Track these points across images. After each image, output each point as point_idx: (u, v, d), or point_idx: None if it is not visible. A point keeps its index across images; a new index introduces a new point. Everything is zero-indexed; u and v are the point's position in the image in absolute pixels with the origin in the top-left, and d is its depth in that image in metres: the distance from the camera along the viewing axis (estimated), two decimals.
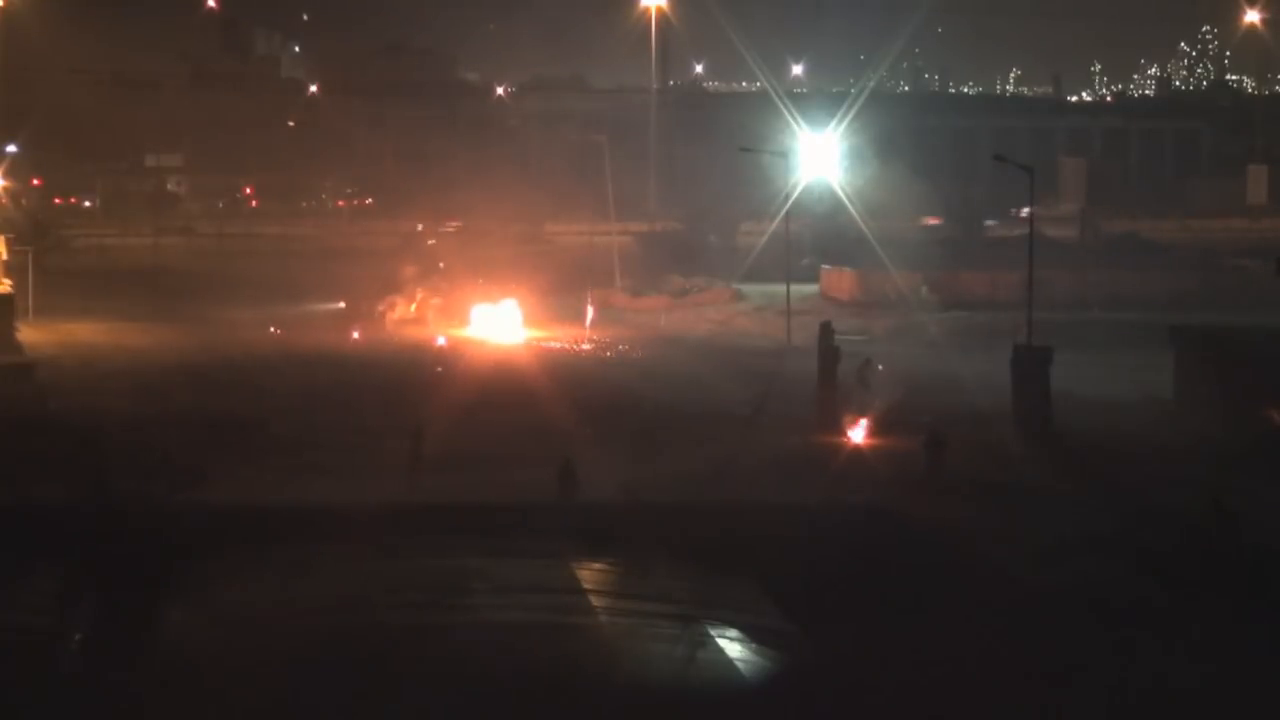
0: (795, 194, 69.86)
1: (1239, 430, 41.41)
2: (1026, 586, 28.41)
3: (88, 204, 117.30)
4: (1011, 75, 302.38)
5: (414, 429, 37.99)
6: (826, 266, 74.73)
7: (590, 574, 29.21)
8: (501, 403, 47.56)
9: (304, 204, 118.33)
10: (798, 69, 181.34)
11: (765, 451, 40.71)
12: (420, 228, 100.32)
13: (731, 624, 25.89)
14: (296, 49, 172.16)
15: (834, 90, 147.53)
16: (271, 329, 61.04)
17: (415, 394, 48.84)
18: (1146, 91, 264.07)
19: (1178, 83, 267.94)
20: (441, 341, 55.89)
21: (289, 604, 26.69)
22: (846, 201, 76.66)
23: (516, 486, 36.50)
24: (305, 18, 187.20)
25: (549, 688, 22.40)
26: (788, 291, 62.83)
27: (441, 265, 72.24)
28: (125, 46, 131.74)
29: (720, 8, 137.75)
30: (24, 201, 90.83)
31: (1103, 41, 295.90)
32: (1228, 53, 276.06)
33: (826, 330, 47.25)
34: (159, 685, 22.58)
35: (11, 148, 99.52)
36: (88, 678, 22.84)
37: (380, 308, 63.72)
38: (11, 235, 70.61)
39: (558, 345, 59.58)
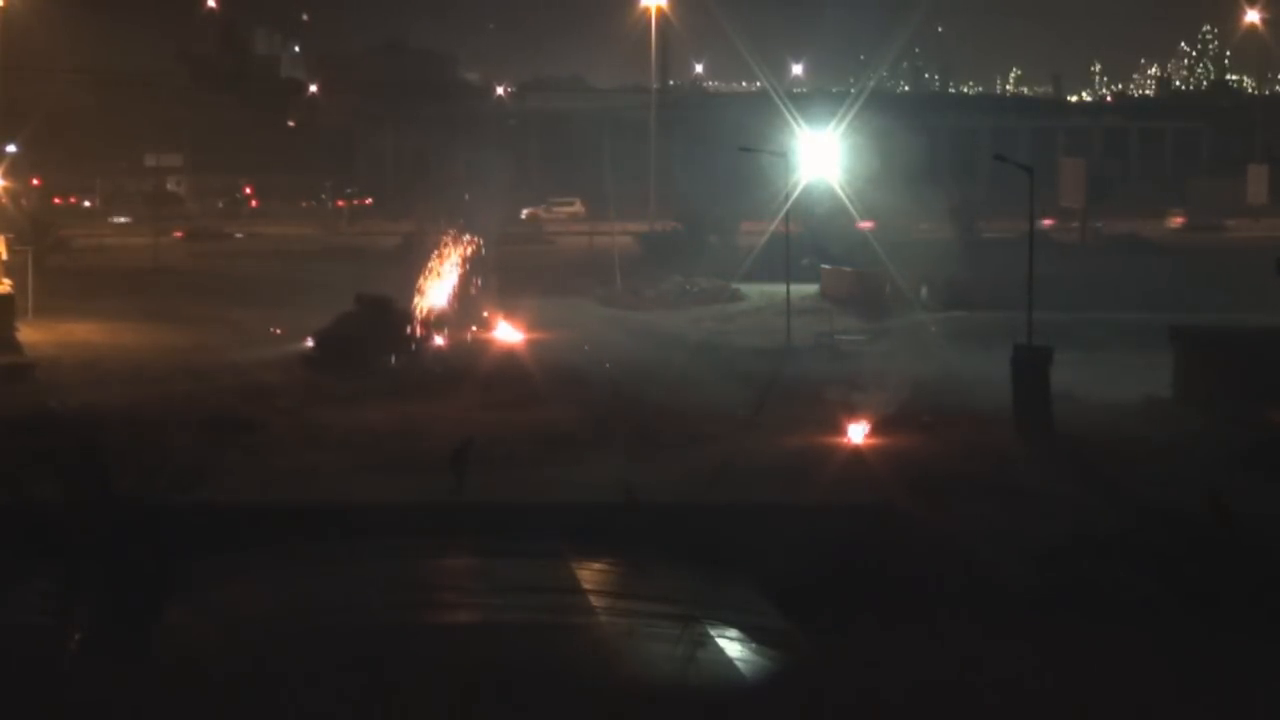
0: (795, 194, 69.82)
1: (1239, 430, 41.42)
2: (1026, 586, 28.43)
3: (88, 204, 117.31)
4: (1011, 75, 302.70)
5: (461, 444, 37.39)
6: (826, 267, 74.71)
7: (590, 574, 29.22)
8: (501, 403, 47.60)
9: (304, 204, 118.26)
10: (798, 69, 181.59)
11: (765, 452, 40.75)
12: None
13: (731, 624, 25.89)
14: (296, 49, 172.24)
15: (834, 90, 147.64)
16: (272, 329, 60.96)
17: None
18: (1146, 91, 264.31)
19: (1178, 83, 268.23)
20: (439, 341, 55.85)
21: (288, 603, 26.70)
22: (846, 202, 76.64)
23: (516, 487, 36.53)
24: (305, 18, 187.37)
25: (549, 688, 22.40)
26: (788, 292, 62.78)
27: None
28: (125, 46, 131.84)
29: (720, 8, 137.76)
30: (24, 201, 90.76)
31: (1103, 41, 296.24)
32: (1228, 53, 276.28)
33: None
34: (159, 685, 22.58)
35: (11, 148, 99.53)
36: (88, 678, 22.83)
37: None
38: (11, 235, 70.59)
39: (557, 346, 59.50)
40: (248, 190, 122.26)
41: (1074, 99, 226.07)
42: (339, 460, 39.58)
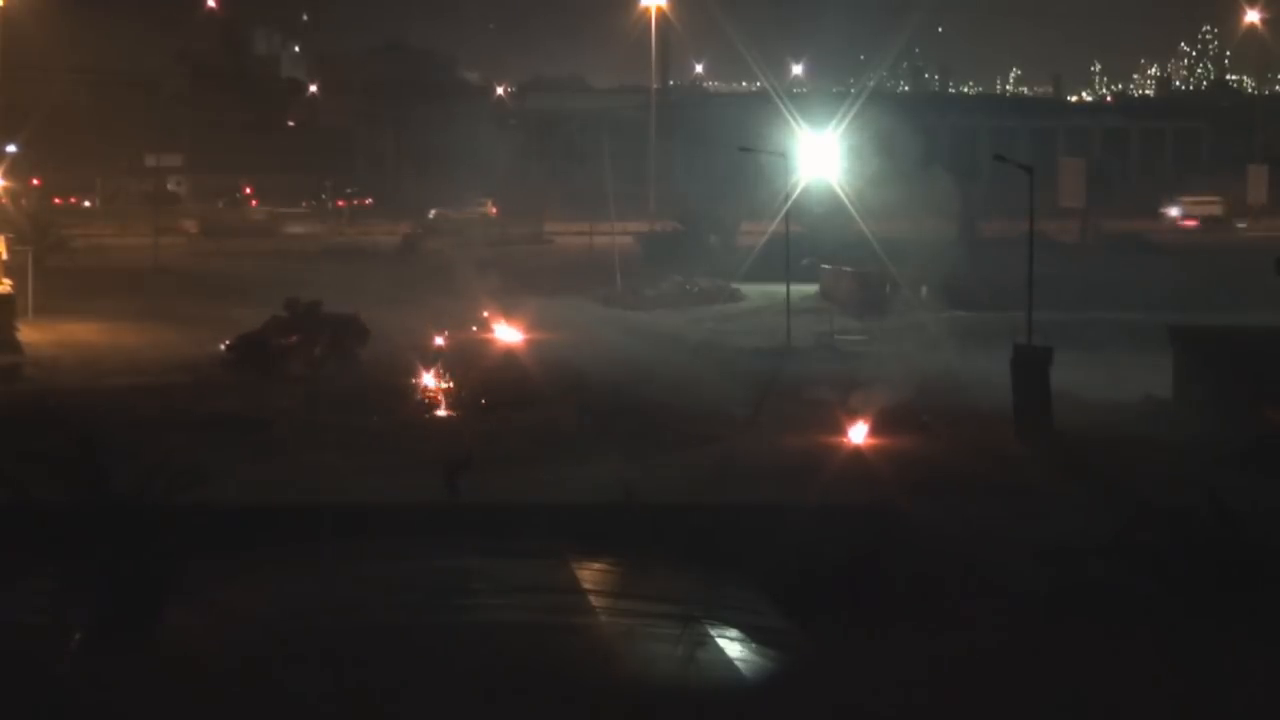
0: (795, 194, 69.80)
1: (1239, 430, 41.39)
2: (1026, 586, 28.42)
3: (88, 204, 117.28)
4: (1011, 75, 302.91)
5: (458, 459, 36.97)
6: (826, 267, 74.70)
7: (590, 574, 29.18)
8: (501, 403, 47.56)
9: (304, 204, 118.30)
10: (798, 69, 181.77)
11: (765, 451, 40.74)
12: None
13: (731, 624, 25.86)
14: (296, 49, 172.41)
15: (834, 90, 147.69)
16: None
17: (415, 393, 48.87)
18: (1146, 91, 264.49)
19: (1178, 83, 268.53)
20: (440, 341, 55.77)
21: (288, 604, 26.68)
22: (846, 202, 76.63)
23: (516, 487, 36.49)
24: (305, 18, 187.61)
25: (549, 688, 22.38)
26: (787, 292, 62.78)
27: None
28: (125, 46, 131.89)
29: (720, 8, 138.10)
30: (24, 201, 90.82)
31: (1103, 41, 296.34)
32: (1228, 53, 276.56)
33: None
34: (159, 685, 22.57)
35: (11, 148, 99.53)
36: (88, 678, 22.82)
37: None
38: (11, 235, 70.64)
39: (557, 346, 59.42)
40: (248, 190, 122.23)
41: (1074, 99, 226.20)
42: (339, 460, 39.55)
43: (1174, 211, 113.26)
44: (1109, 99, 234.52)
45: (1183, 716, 22.53)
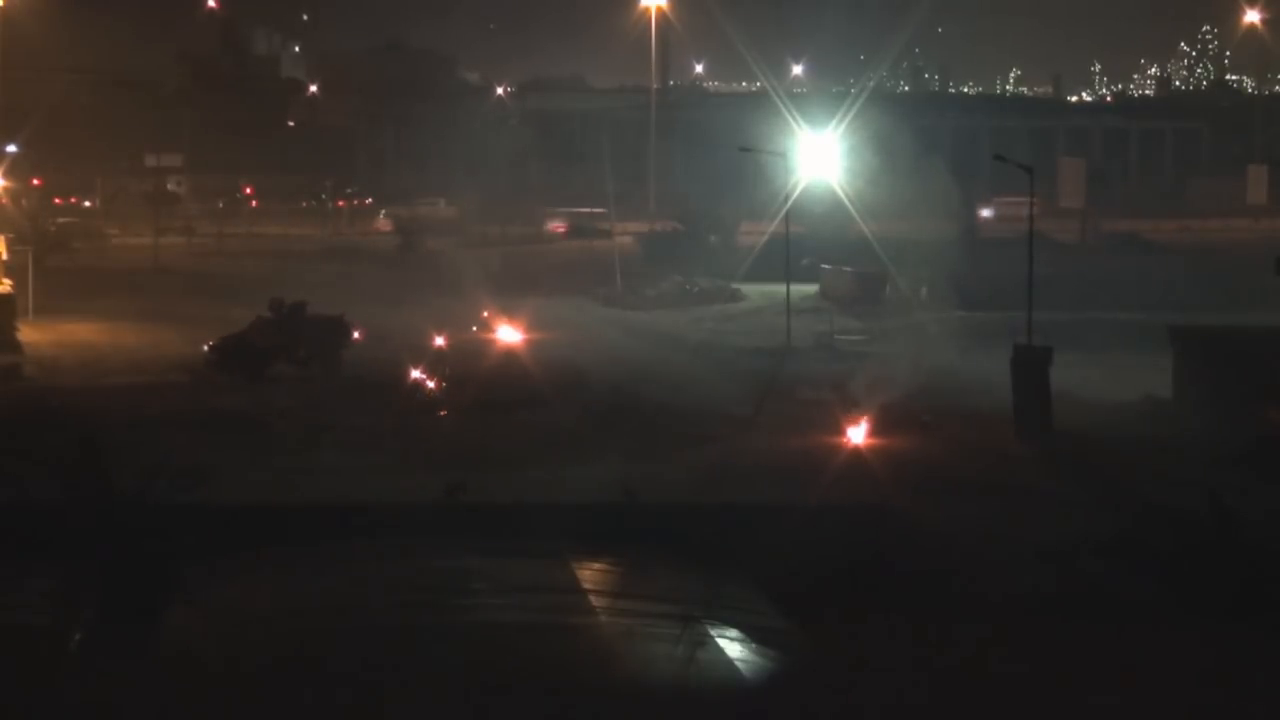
0: (795, 194, 69.79)
1: (1239, 430, 41.40)
2: (1026, 586, 28.43)
3: (88, 204, 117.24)
4: (1011, 75, 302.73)
5: (455, 484, 36.46)
6: (826, 267, 74.69)
7: (590, 574, 29.19)
8: (501, 402, 47.56)
9: (304, 204, 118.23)
10: (798, 69, 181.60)
11: (765, 451, 40.74)
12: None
13: (731, 624, 25.87)
14: (296, 49, 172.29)
15: (834, 90, 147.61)
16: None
17: (416, 394, 48.87)
18: (1146, 91, 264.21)
19: (1178, 83, 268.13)
20: (440, 341, 55.72)
21: (288, 604, 26.68)
22: (846, 202, 76.60)
23: (516, 487, 36.51)
24: (305, 18, 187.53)
25: (549, 688, 22.39)
26: (787, 292, 62.78)
27: None
28: (125, 47, 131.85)
29: (720, 8, 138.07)
30: (24, 201, 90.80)
31: (1103, 41, 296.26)
32: (1228, 53, 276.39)
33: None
34: (159, 685, 22.58)
35: (11, 148, 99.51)
36: (88, 677, 22.83)
37: None
38: (11, 235, 70.68)
39: (558, 346, 59.41)
40: (248, 190, 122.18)
41: (1074, 99, 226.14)
42: (339, 460, 39.56)
43: (985, 213, 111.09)
44: (1109, 99, 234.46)
45: (1183, 716, 22.54)
